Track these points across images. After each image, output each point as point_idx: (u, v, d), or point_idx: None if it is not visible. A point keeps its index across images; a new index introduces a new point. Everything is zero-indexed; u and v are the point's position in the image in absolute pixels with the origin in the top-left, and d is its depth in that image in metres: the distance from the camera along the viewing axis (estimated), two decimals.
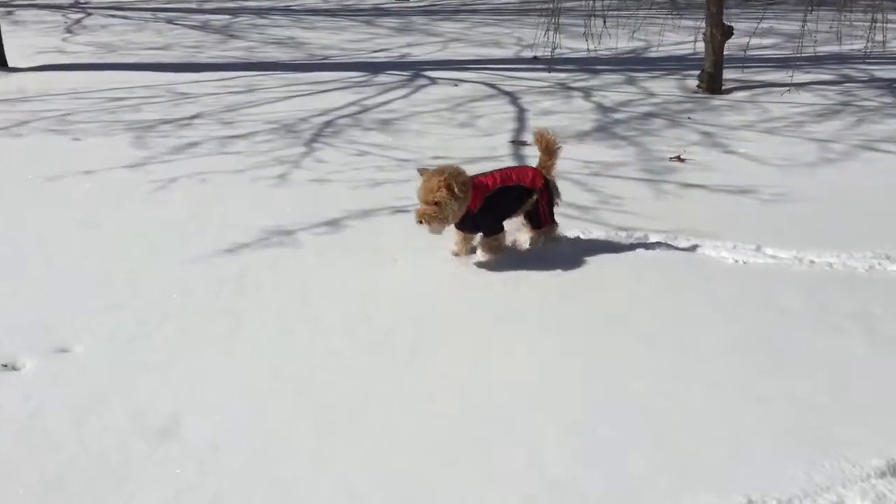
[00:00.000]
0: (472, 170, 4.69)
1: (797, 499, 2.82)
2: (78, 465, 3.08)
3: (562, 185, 5.25)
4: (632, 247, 5.06)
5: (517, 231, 4.94)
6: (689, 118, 8.47)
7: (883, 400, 3.44)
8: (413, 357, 3.80)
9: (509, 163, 6.95)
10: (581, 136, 7.80)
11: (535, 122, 8.30)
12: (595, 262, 4.79)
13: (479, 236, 4.74)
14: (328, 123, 8.24)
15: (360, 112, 8.73)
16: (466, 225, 4.59)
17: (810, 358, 3.76)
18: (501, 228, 4.70)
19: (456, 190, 4.24)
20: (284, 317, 4.17)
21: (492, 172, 4.70)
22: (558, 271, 4.65)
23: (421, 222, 4.32)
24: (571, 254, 4.92)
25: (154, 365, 3.74)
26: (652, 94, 9.62)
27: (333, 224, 5.42)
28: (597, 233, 5.28)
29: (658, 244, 5.09)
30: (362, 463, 3.08)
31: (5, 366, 3.73)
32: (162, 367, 3.73)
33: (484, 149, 7.36)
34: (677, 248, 5.04)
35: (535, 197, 4.73)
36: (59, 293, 4.43)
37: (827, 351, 3.82)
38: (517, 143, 7.60)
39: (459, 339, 3.95)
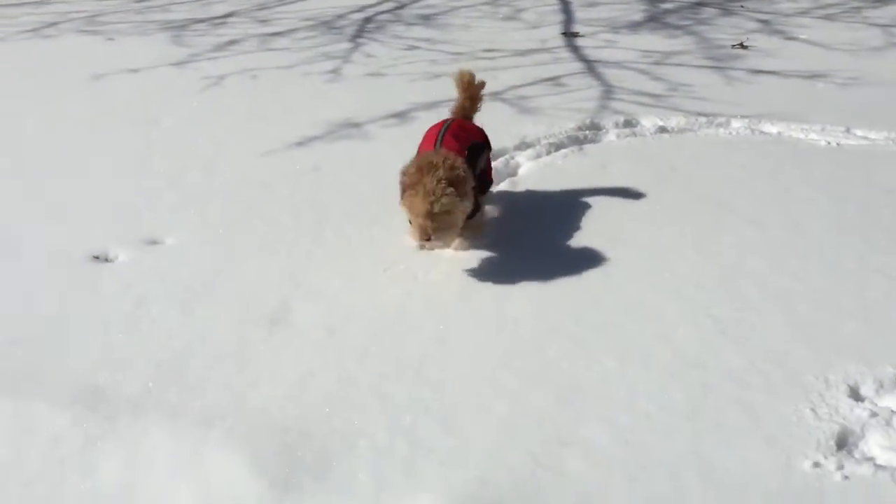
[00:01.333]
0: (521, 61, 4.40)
1: None
2: (194, 354, 3.00)
3: (625, 75, 5.01)
4: (717, 132, 4.87)
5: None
6: (741, 6, 8.13)
7: None
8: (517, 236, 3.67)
9: (563, 55, 6.72)
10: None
11: (581, 14, 7.99)
12: (686, 149, 4.62)
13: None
14: (368, 20, 7.93)
15: (398, 8, 8.40)
16: None
17: None
18: (479, 202, 3.60)
19: (462, 187, 3.22)
20: (367, 207, 4.03)
21: (445, 133, 3.54)
22: (652, 159, 4.47)
23: (429, 239, 3.21)
24: (659, 143, 4.74)
25: (251, 256, 3.63)
26: None
27: (400, 116, 5.24)
28: (675, 119, 5.09)
29: (743, 129, 4.89)
30: (488, 338, 2.99)
31: (97, 257, 3.62)
32: (259, 257, 3.61)
33: (534, 41, 7.09)
34: (764, 132, 4.86)
35: (486, 153, 3.79)
36: (133, 188, 4.30)
37: None
38: (569, 34, 7.30)
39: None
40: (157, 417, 2.65)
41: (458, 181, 3.18)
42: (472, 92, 3.87)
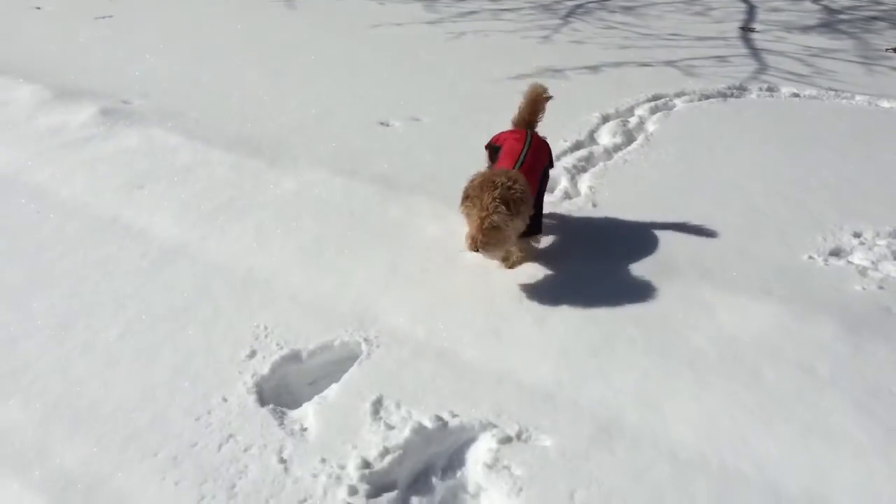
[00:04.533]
0: (698, 44, 5.95)
1: None
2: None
3: (782, 60, 6.53)
4: (840, 102, 6.23)
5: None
6: None
7: None
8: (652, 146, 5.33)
9: (735, 43, 8.15)
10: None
11: (763, 15, 9.31)
12: (809, 110, 6.05)
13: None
14: (579, 5, 9.72)
15: None
16: None
17: None
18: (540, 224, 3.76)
19: (516, 206, 3.33)
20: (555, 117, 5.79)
21: (525, 157, 3.67)
22: (778, 110, 5.95)
23: (477, 250, 3.37)
24: (789, 104, 6.20)
25: (473, 131, 5.50)
26: (880, 3, 10.22)
27: (592, 68, 6.99)
28: (809, 91, 6.48)
29: (863, 102, 6.22)
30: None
31: (382, 123, 5.66)
32: (477, 134, 5.49)
33: (713, 31, 8.56)
34: (877, 106, 6.16)
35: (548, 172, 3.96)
36: (401, 90, 6.34)
37: None
38: (747, 29, 8.69)
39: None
40: None
41: (514, 201, 3.29)
42: (539, 106, 4.10)
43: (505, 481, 2.67)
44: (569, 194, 4.56)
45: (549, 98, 4.14)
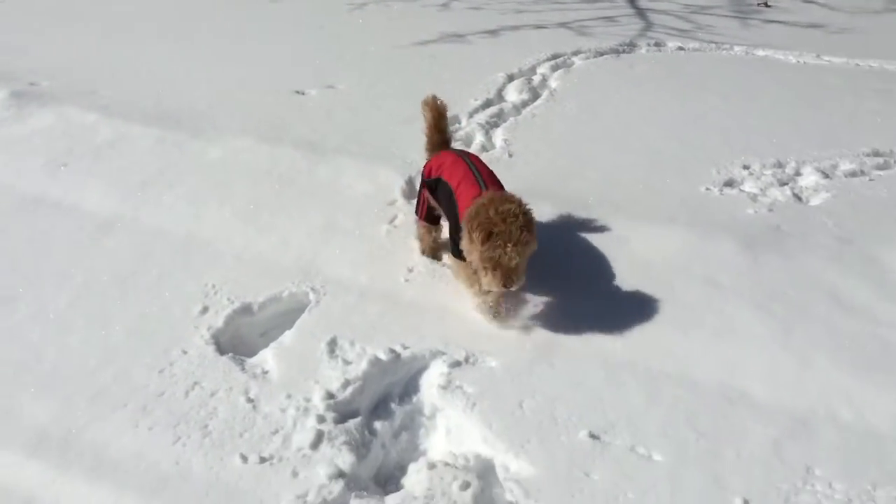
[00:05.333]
0: (587, 5, 6.34)
1: None
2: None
3: (666, 18, 7.04)
4: (720, 53, 6.76)
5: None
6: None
7: None
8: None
9: (621, 4, 8.60)
10: None
11: None
12: (693, 62, 6.55)
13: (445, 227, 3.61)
14: None
15: None
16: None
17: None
18: None
19: (535, 229, 3.13)
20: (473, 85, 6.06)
21: (481, 174, 3.40)
22: (666, 63, 6.40)
23: (513, 287, 3.11)
24: (675, 56, 6.67)
25: (390, 95, 5.70)
26: None
27: (492, 32, 7.31)
28: (693, 44, 6.99)
29: (741, 52, 6.77)
30: None
31: (299, 92, 5.78)
32: (395, 101, 5.70)
33: None
34: (754, 55, 6.72)
35: None
36: (315, 68, 6.46)
37: None
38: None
39: None
40: None
41: (531, 224, 3.10)
42: (445, 121, 3.79)
43: (459, 399, 2.93)
44: (485, 147, 4.84)
45: (439, 108, 3.74)
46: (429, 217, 3.65)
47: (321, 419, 2.84)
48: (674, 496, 2.53)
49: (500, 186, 3.40)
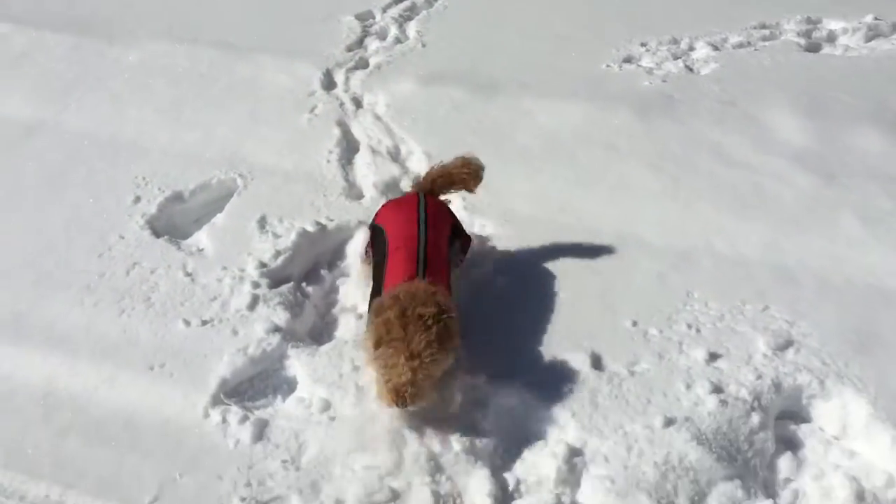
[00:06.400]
0: None
1: None
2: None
3: None
4: None
5: None
6: None
7: None
8: None
9: None
10: None
11: None
12: None
13: None
14: None
15: None
16: None
17: None
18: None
19: (450, 339, 2.50)
20: None
21: (427, 229, 2.82)
22: None
23: (405, 406, 2.47)
24: None
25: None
26: None
27: None
28: None
29: None
30: None
31: None
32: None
33: None
34: None
35: (458, 230, 3.11)
36: None
37: None
38: None
39: None
40: None
41: (448, 335, 2.48)
42: (459, 186, 3.13)
43: None
44: (399, 39, 5.01)
45: (478, 181, 3.09)
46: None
47: (256, 285, 3.09)
48: (573, 322, 2.88)
49: (446, 268, 2.78)
